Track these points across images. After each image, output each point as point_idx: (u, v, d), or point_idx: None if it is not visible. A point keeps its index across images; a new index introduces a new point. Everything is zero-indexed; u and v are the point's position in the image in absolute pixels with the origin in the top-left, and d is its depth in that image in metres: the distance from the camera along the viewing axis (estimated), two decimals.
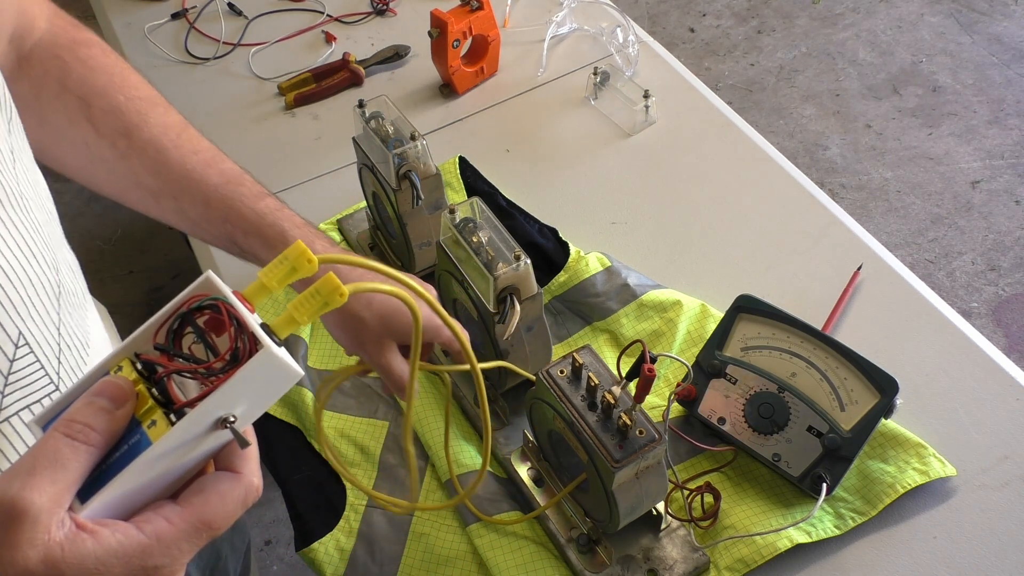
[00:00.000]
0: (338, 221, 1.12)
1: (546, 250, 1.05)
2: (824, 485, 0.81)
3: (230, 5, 1.46)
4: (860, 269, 1.02)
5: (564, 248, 1.05)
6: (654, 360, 0.72)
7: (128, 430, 0.41)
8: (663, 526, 0.82)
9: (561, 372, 0.75)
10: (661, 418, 0.86)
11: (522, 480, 0.87)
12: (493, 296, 0.80)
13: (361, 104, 0.95)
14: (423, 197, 0.92)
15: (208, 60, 1.38)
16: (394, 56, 1.34)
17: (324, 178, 1.20)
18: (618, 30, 1.33)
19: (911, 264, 2.11)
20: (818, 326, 0.88)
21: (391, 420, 0.94)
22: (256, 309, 0.43)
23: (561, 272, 1.02)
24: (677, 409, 0.91)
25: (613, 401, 0.71)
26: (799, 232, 1.08)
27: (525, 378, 0.85)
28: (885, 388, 0.83)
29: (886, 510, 0.82)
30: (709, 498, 0.83)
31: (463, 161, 1.17)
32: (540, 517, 0.84)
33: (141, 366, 0.42)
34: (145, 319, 0.43)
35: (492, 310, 0.81)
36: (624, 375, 0.74)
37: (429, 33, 1.22)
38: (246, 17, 1.44)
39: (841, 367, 0.85)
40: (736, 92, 2.61)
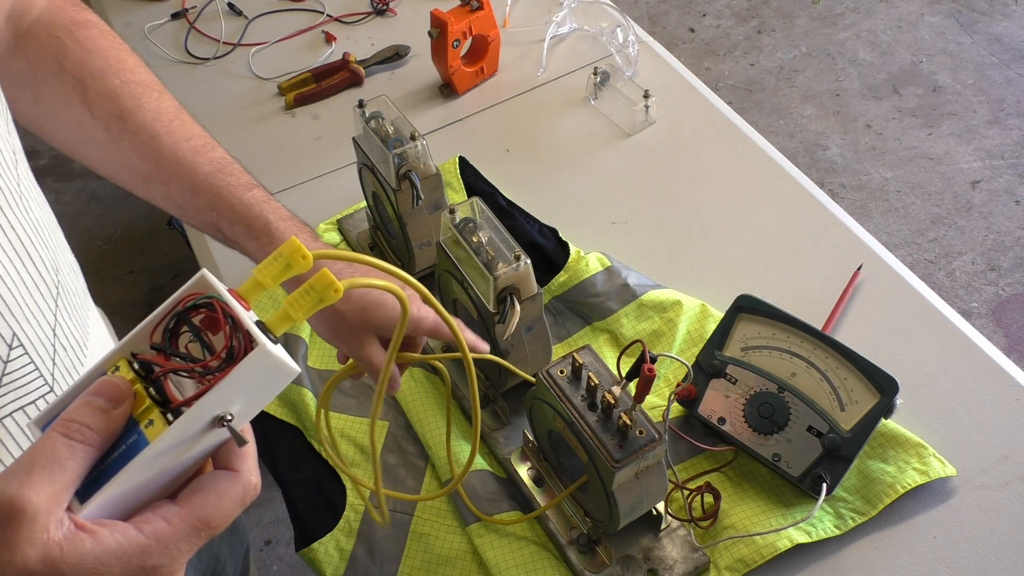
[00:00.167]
0: (338, 221, 1.12)
1: (546, 250, 1.05)
2: (824, 485, 0.81)
3: (230, 5, 1.46)
4: (860, 269, 1.02)
5: (564, 248, 1.05)
6: (654, 360, 0.72)
7: (126, 430, 0.40)
8: (663, 526, 0.82)
9: (561, 372, 0.75)
10: (661, 418, 0.86)
11: (522, 480, 0.87)
12: (493, 296, 0.80)
13: (361, 104, 0.95)
14: (423, 197, 0.92)
15: (208, 60, 1.38)
16: (394, 56, 1.34)
17: (324, 178, 1.20)
18: (618, 30, 1.33)
19: (911, 264, 2.11)
20: (818, 326, 0.88)
21: (391, 420, 0.94)
22: (252, 306, 0.43)
23: (561, 272, 1.02)
24: (677, 409, 0.91)
25: (613, 401, 0.71)
26: (799, 232, 1.08)
27: (524, 378, 0.85)
28: (885, 388, 0.83)
29: (886, 510, 0.82)
30: (709, 498, 0.83)
31: (463, 161, 1.17)
32: (540, 517, 0.84)
33: (138, 366, 0.42)
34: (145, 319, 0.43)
35: (492, 310, 0.81)
36: (624, 375, 0.74)
37: (429, 33, 1.22)
38: (246, 17, 1.44)
39: (841, 367, 0.85)
40: (736, 92, 2.61)
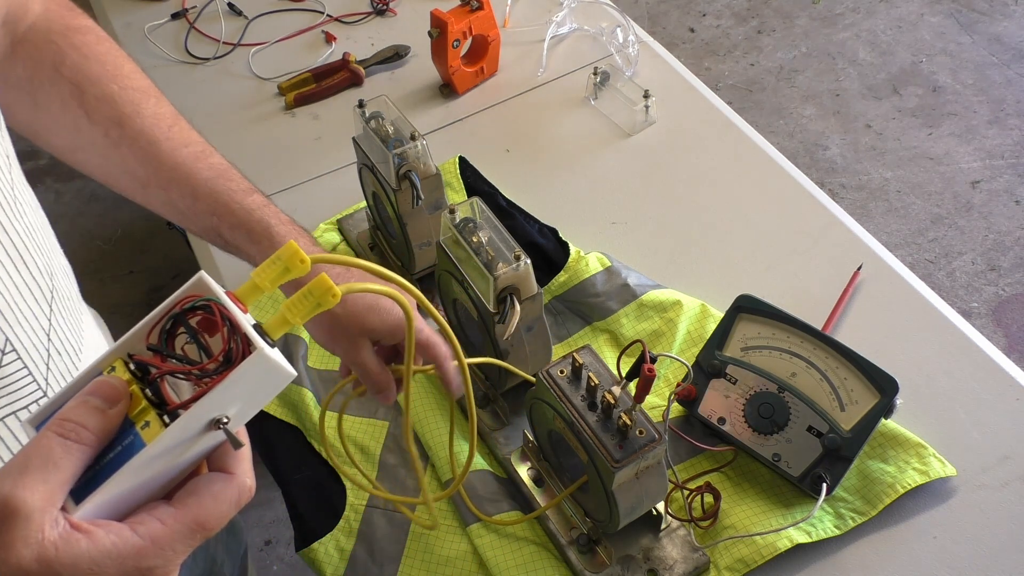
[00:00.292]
0: (338, 221, 1.12)
1: (546, 250, 1.05)
2: (824, 485, 0.81)
3: (230, 5, 1.46)
4: (860, 269, 1.02)
5: (564, 248, 1.05)
6: (654, 360, 0.72)
7: (122, 431, 0.40)
8: (663, 526, 0.82)
9: (561, 372, 0.75)
10: (661, 418, 0.86)
11: (522, 480, 0.87)
12: (493, 296, 0.80)
13: (361, 104, 0.95)
14: (423, 197, 0.92)
15: (208, 60, 1.38)
16: (394, 56, 1.34)
17: (324, 178, 1.20)
18: (618, 30, 1.33)
19: (911, 264, 2.11)
20: (818, 326, 0.88)
21: (391, 420, 0.94)
22: (249, 308, 0.43)
23: (561, 272, 1.02)
24: (677, 409, 0.91)
25: (613, 401, 0.71)
26: (799, 232, 1.08)
27: (524, 378, 0.85)
28: (885, 388, 0.83)
29: (886, 510, 0.82)
30: (709, 498, 0.83)
31: (463, 161, 1.17)
32: (540, 517, 0.84)
33: (134, 367, 0.42)
34: None
35: (492, 310, 0.81)
36: (624, 375, 0.74)
37: (429, 33, 1.22)
38: (246, 17, 1.44)
39: (841, 367, 0.85)
40: (736, 92, 2.61)
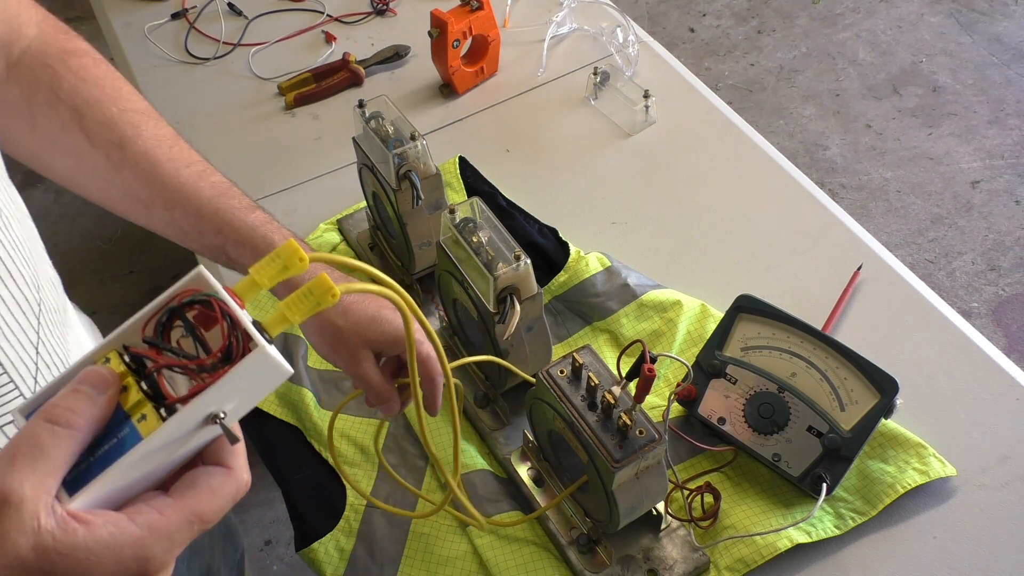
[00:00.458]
0: (338, 221, 1.12)
1: (546, 250, 1.05)
2: (824, 485, 0.81)
3: (230, 5, 1.46)
4: (860, 269, 1.02)
5: (564, 248, 1.05)
6: (654, 360, 0.72)
7: (117, 423, 0.40)
8: (663, 526, 0.82)
9: (561, 372, 0.75)
10: (661, 418, 0.86)
11: (522, 480, 0.87)
12: (493, 296, 0.80)
13: (361, 104, 0.95)
14: (423, 197, 0.92)
15: (208, 60, 1.38)
16: (394, 56, 1.34)
17: (324, 178, 1.20)
18: (618, 30, 1.33)
19: (911, 264, 2.11)
20: (818, 326, 0.88)
21: (391, 420, 0.94)
22: (246, 304, 0.43)
23: (561, 272, 1.02)
24: (677, 409, 0.91)
25: (613, 401, 0.71)
26: (799, 232, 1.08)
27: (524, 378, 0.85)
28: (885, 388, 0.83)
29: (886, 510, 0.82)
30: (709, 498, 0.83)
31: (463, 161, 1.17)
32: (540, 517, 0.84)
33: (130, 359, 0.42)
34: None
35: (492, 310, 0.81)
36: (624, 375, 0.74)
37: (429, 33, 1.22)
38: (246, 17, 1.44)
39: (841, 367, 0.85)
40: (736, 92, 2.61)
